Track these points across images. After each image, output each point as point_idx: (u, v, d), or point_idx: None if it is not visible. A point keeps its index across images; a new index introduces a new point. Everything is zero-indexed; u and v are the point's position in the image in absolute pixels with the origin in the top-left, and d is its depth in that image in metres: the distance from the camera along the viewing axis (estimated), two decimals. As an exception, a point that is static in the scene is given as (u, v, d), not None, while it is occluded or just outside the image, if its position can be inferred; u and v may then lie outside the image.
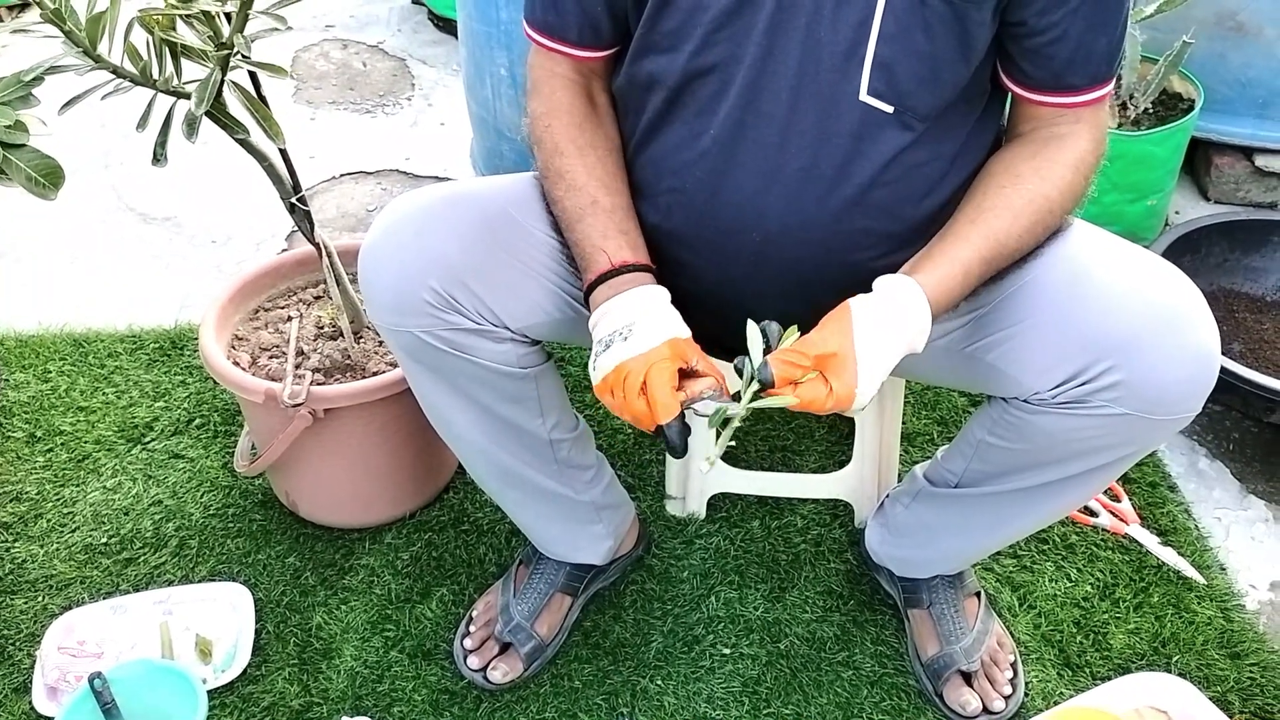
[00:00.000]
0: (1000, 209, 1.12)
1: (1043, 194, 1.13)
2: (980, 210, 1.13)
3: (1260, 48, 2.22)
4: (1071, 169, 1.15)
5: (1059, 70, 1.12)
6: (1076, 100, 1.14)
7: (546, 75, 1.25)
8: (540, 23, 1.23)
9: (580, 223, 1.18)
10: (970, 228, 1.12)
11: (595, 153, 1.22)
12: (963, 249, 1.10)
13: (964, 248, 1.11)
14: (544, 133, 1.23)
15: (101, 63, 1.26)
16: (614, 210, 1.19)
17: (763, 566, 1.61)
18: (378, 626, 1.53)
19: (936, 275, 1.09)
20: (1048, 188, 1.13)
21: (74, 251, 2.32)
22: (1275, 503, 1.75)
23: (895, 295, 1.07)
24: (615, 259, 1.15)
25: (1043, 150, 1.15)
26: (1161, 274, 1.13)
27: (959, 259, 1.10)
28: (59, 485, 1.74)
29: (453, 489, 1.73)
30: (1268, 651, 1.50)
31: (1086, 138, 1.16)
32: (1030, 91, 1.15)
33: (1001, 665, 1.45)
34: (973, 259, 1.10)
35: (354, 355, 1.59)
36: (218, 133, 1.37)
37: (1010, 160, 1.17)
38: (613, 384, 1.09)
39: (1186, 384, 1.10)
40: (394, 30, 3.22)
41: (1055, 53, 1.11)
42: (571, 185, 1.19)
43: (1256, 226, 2.02)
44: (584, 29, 1.21)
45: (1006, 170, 1.15)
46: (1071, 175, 1.14)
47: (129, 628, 1.52)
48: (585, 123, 1.23)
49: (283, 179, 1.48)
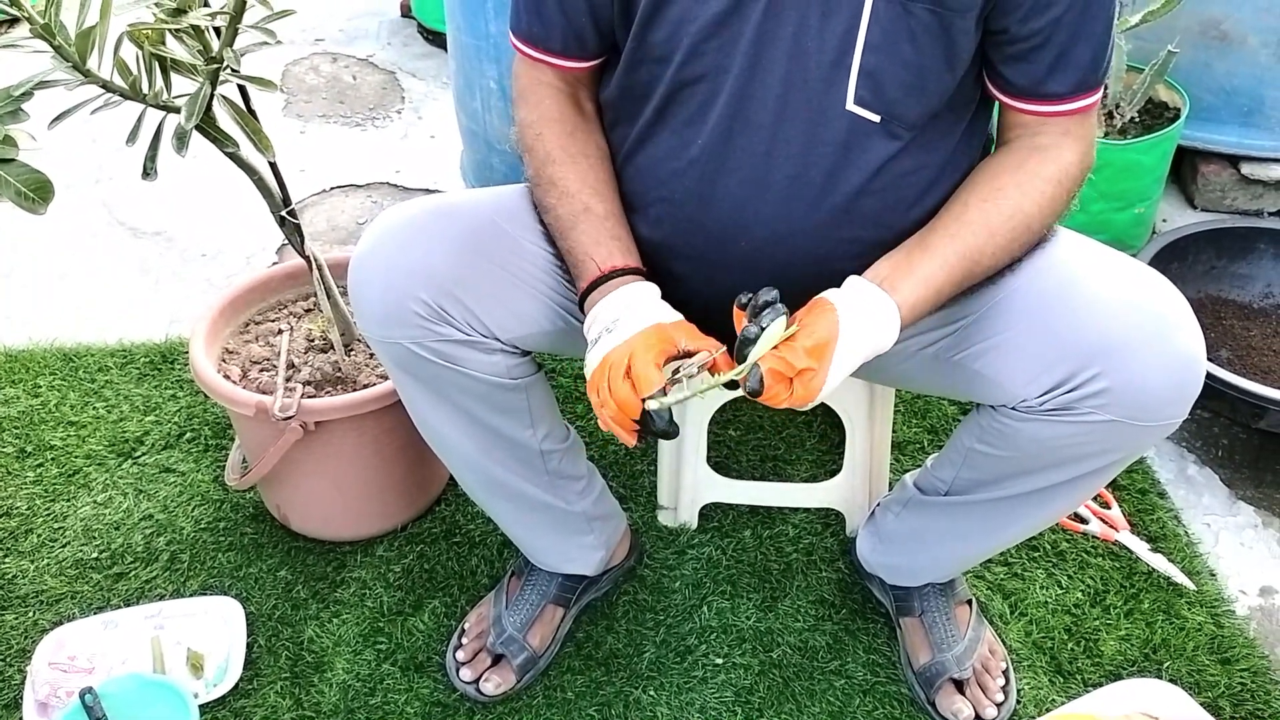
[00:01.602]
0: (978, 225, 1.13)
1: (1022, 210, 1.14)
2: (960, 224, 1.13)
3: (1244, 56, 2.23)
4: (1054, 183, 1.15)
5: (1041, 77, 1.13)
6: (1060, 109, 1.14)
7: (533, 83, 1.26)
8: (525, 33, 1.24)
9: (573, 230, 1.18)
10: (948, 244, 1.12)
11: (587, 160, 1.22)
12: (937, 270, 1.11)
13: (938, 269, 1.11)
14: (535, 141, 1.24)
15: (91, 77, 1.26)
16: (606, 217, 1.19)
17: (755, 576, 1.61)
18: (370, 639, 1.53)
19: (912, 296, 1.09)
20: (1028, 204, 1.14)
21: (64, 266, 2.32)
22: (1264, 508, 1.76)
23: (874, 312, 1.08)
24: (605, 265, 1.15)
25: (1027, 161, 1.16)
26: (1146, 281, 1.14)
27: (933, 281, 1.11)
28: (49, 500, 1.74)
29: (444, 501, 1.73)
30: (1258, 657, 1.51)
31: (1072, 150, 1.16)
32: (1013, 99, 1.16)
33: (993, 673, 1.45)
34: (945, 281, 1.11)
35: (345, 368, 1.59)
36: (208, 147, 1.37)
37: (994, 171, 1.17)
38: (598, 380, 1.08)
39: (1173, 389, 1.11)
40: (384, 44, 3.23)
41: (1037, 59, 1.12)
42: (564, 193, 1.20)
43: (1242, 234, 2.04)
44: (569, 40, 1.22)
45: (989, 181, 1.16)
46: (1053, 190, 1.15)
47: (120, 643, 1.51)
48: (576, 131, 1.24)
49: (273, 192, 1.48)
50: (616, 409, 1.06)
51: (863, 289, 1.09)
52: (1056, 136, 1.16)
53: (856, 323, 1.06)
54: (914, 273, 1.10)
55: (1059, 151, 1.16)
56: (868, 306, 1.08)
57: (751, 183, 1.14)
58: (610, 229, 1.18)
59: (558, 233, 1.21)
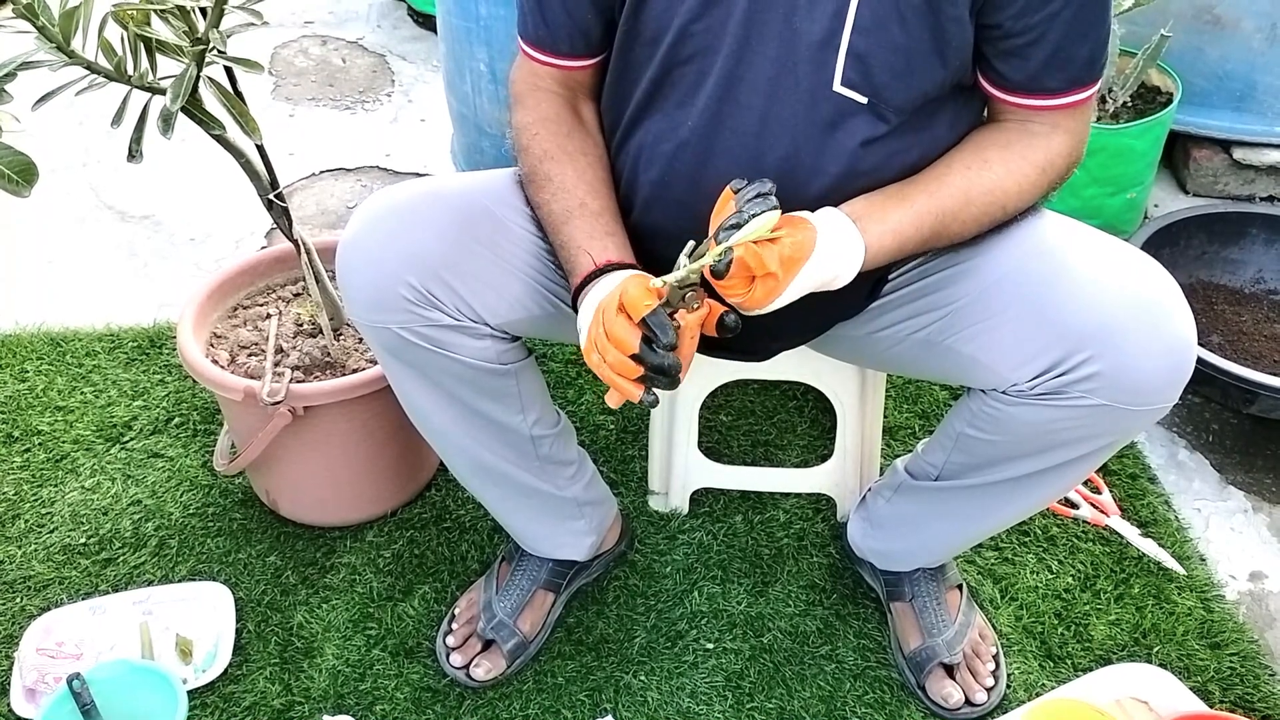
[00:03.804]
0: (957, 190, 1.13)
1: (1001, 188, 1.14)
2: (940, 184, 1.13)
3: (1237, 41, 2.23)
4: (1039, 169, 1.15)
5: (1035, 72, 1.12)
6: (1052, 103, 1.14)
7: (530, 89, 1.25)
8: (533, 37, 1.23)
9: (567, 224, 1.17)
10: (924, 200, 1.12)
11: (585, 159, 1.22)
12: (908, 224, 1.10)
13: (909, 222, 1.10)
14: (531, 140, 1.23)
15: (75, 58, 1.25)
16: (601, 213, 1.18)
17: (745, 561, 1.61)
18: (359, 625, 1.52)
19: (878, 241, 1.09)
20: (1009, 183, 1.14)
21: (52, 250, 2.30)
22: (1254, 494, 1.77)
23: (843, 246, 1.07)
24: (600, 260, 1.14)
25: (1017, 142, 1.15)
26: (1138, 265, 1.14)
27: (901, 233, 1.10)
28: (37, 485, 1.73)
29: (434, 486, 1.72)
30: (1247, 641, 1.51)
31: (1062, 141, 1.16)
32: (1005, 93, 1.15)
33: (983, 657, 1.46)
34: (913, 236, 1.11)
35: (334, 352, 1.58)
36: (196, 130, 1.36)
37: (982, 143, 1.17)
38: (594, 335, 1.05)
39: (1164, 374, 1.11)
40: (373, 26, 3.21)
41: (1031, 55, 1.11)
42: (560, 188, 1.19)
43: (1234, 219, 2.03)
44: (575, 37, 1.21)
45: (977, 152, 1.15)
46: (1036, 176, 1.15)
47: (108, 628, 1.50)
48: (573, 132, 1.24)
49: (260, 175, 1.47)
50: (617, 355, 1.02)
51: (838, 221, 1.08)
52: (1047, 127, 1.16)
53: (827, 250, 1.06)
54: (886, 219, 1.10)
55: (1048, 140, 1.15)
56: (839, 238, 1.07)
57: (742, 164, 1.13)
58: (605, 225, 1.17)
59: (551, 228, 1.20)
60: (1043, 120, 1.15)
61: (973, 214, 1.13)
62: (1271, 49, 2.22)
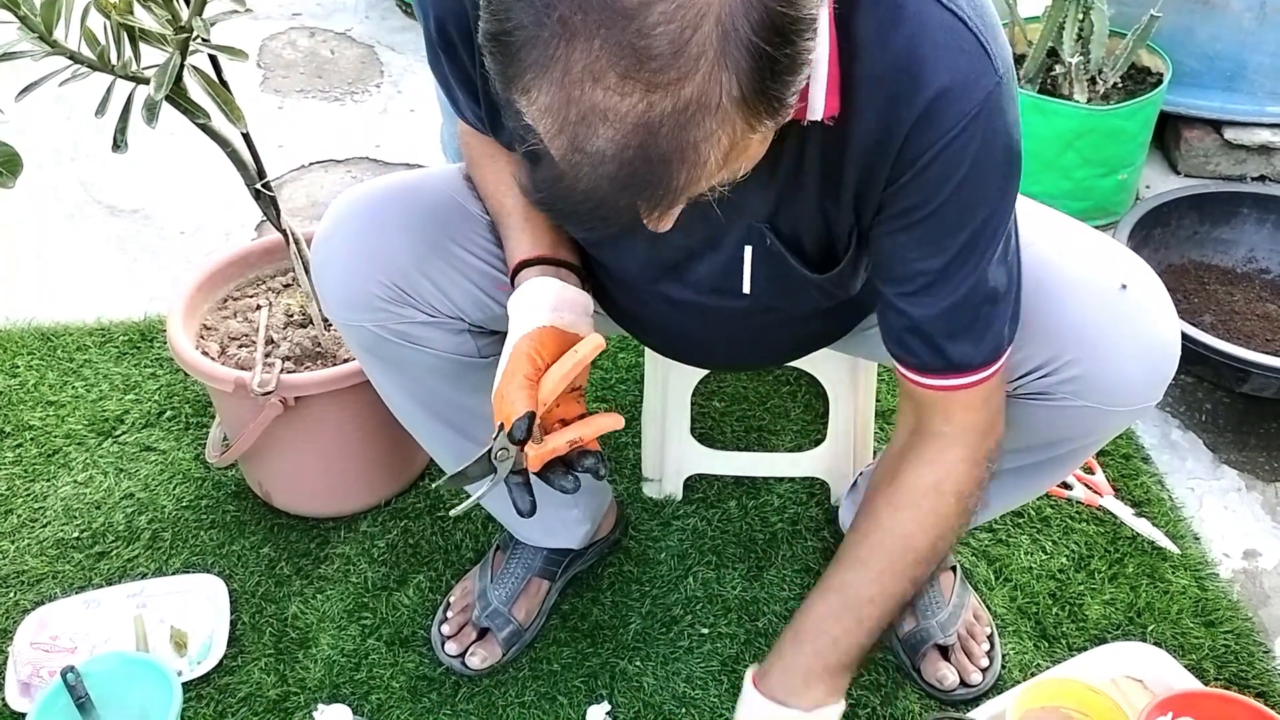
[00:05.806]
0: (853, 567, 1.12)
1: (897, 535, 1.10)
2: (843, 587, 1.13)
3: (1227, 20, 2.23)
4: (931, 494, 1.09)
5: (899, 339, 1.06)
6: (934, 383, 1.05)
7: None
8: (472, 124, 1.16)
9: (498, 227, 1.17)
10: (832, 623, 1.13)
11: (505, 156, 1.16)
12: (827, 649, 1.12)
13: (827, 645, 1.12)
14: (464, 148, 1.21)
15: (58, 48, 1.24)
16: (512, 211, 1.14)
17: (740, 546, 1.61)
18: (354, 615, 1.52)
19: (812, 691, 1.11)
20: (903, 529, 1.10)
21: (41, 245, 2.29)
22: (1247, 472, 1.77)
23: None
24: (511, 264, 1.13)
25: (902, 471, 1.11)
26: (1119, 263, 1.12)
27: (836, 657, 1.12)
28: (29, 480, 1.72)
29: (428, 475, 1.72)
30: (1241, 619, 1.51)
31: (957, 445, 1.08)
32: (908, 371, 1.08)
33: (978, 638, 1.46)
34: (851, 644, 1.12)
35: (324, 343, 1.58)
36: (184, 124, 1.35)
37: (870, 492, 1.15)
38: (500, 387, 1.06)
39: (1145, 375, 1.11)
40: (362, 17, 3.19)
41: (893, 323, 1.05)
42: (485, 194, 1.18)
43: (1226, 199, 2.03)
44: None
45: (866, 512, 1.13)
46: (931, 501, 1.09)
47: (103, 622, 1.50)
48: None
49: (246, 165, 1.47)
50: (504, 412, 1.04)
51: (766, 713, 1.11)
52: (939, 421, 1.08)
53: None
54: (810, 663, 1.12)
55: (941, 449, 1.08)
56: None
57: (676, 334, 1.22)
58: (516, 222, 1.14)
59: None
60: (932, 408, 1.07)
61: (875, 572, 1.11)
62: (1261, 28, 2.21)
